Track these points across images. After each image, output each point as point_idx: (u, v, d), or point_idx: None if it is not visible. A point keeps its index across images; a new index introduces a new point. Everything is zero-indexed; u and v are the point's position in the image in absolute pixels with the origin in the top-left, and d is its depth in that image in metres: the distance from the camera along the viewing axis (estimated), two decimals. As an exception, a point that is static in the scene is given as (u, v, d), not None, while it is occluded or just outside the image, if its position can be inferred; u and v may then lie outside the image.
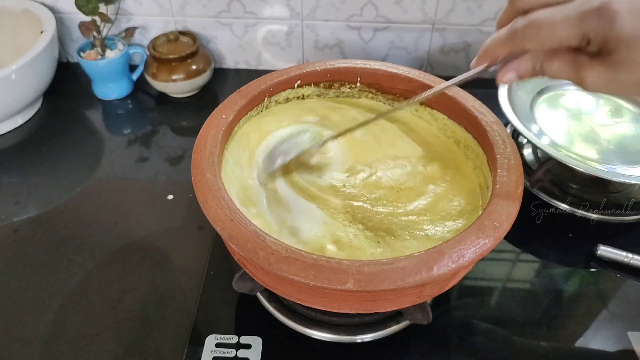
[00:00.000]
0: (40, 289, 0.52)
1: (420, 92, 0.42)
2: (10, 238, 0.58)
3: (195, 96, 0.79)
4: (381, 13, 0.75)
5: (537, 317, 0.50)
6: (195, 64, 0.76)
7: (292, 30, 0.79)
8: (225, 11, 0.77)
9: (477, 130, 0.46)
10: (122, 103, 0.78)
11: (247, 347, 0.47)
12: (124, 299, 0.51)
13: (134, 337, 0.48)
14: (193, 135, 0.44)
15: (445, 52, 0.79)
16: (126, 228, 0.59)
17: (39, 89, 0.72)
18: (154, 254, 0.56)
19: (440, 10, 0.74)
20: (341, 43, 0.80)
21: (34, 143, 0.71)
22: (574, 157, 0.55)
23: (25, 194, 0.63)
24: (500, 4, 0.72)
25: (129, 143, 0.71)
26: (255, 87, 0.49)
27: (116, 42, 0.77)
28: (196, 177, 0.40)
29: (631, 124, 0.62)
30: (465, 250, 0.35)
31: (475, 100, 0.48)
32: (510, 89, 0.62)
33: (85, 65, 0.74)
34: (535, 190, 0.60)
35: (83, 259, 0.55)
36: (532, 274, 0.54)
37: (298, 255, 0.34)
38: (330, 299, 0.38)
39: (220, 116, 0.45)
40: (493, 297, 0.52)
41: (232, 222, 0.36)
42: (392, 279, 0.33)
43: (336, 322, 0.48)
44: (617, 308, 0.51)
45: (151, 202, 0.62)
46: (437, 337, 0.48)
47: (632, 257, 0.53)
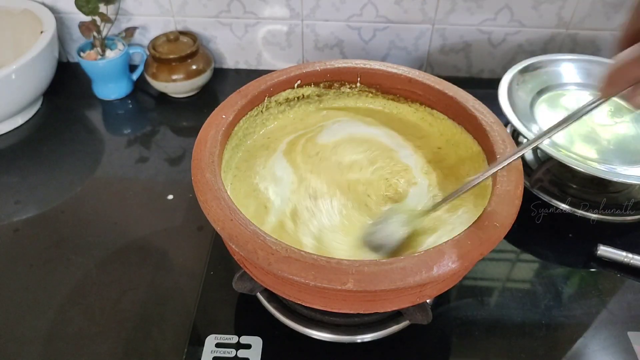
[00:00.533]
0: (40, 288, 0.52)
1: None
2: (10, 238, 0.58)
3: (195, 96, 0.79)
4: (381, 13, 0.75)
5: (537, 317, 0.50)
6: (195, 64, 0.76)
7: (292, 30, 0.79)
8: (225, 11, 0.77)
9: (477, 130, 0.46)
10: (122, 103, 0.78)
11: (247, 347, 0.47)
12: (123, 299, 0.51)
13: (134, 337, 0.48)
14: (193, 135, 0.44)
15: (445, 52, 0.79)
16: (126, 228, 0.59)
17: (39, 89, 0.72)
18: (153, 254, 0.56)
19: (440, 10, 0.74)
20: (341, 43, 0.80)
21: (34, 143, 0.71)
22: (574, 157, 0.55)
23: (25, 194, 0.63)
24: (500, 4, 0.73)
25: (129, 143, 0.71)
26: (255, 87, 0.49)
27: (116, 42, 0.77)
28: (196, 177, 0.40)
29: (631, 124, 0.62)
30: (465, 250, 0.35)
31: (475, 100, 0.48)
32: (510, 89, 0.62)
33: (85, 65, 0.74)
34: (535, 190, 0.60)
35: (83, 259, 0.55)
36: (532, 274, 0.54)
37: (298, 255, 0.34)
38: (330, 299, 0.38)
39: (220, 116, 0.45)
40: (493, 297, 0.52)
41: (232, 222, 0.36)
42: (392, 279, 0.33)
43: (336, 322, 0.48)
44: (617, 308, 0.51)
45: (151, 202, 0.62)
46: (437, 337, 0.48)
47: (632, 257, 0.53)
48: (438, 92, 0.49)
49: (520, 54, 0.78)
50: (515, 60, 0.71)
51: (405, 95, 0.52)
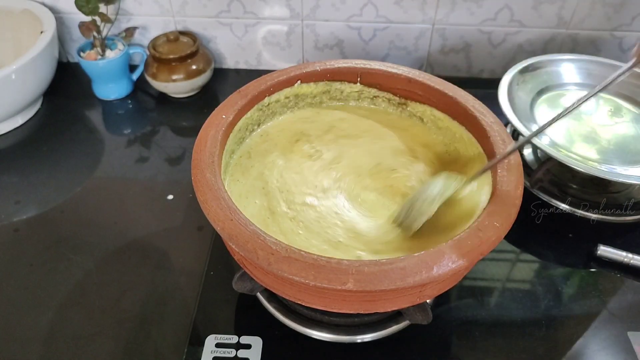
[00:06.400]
0: (40, 288, 0.52)
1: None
2: (10, 238, 0.58)
3: (195, 96, 0.79)
4: (381, 13, 0.75)
5: (537, 317, 0.50)
6: (195, 64, 0.76)
7: (292, 30, 0.79)
8: (225, 11, 0.77)
9: (477, 130, 0.46)
10: (122, 103, 0.78)
11: (247, 347, 0.47)
12: (123, 298, 0.51)
13: (134, 337, 0.48)
14: (193, 135, 0.44)
15: (445, 52, 0.79)
16: (126, 228, 0.59)
17: (39, 89, 0.72)
18: (153, 254, 0.56)
19: (440, 10, 0.74)
20: (341, 43, 0.80)
21: (34, 143, 0.71)
22: (574, 157, 0.55)
23: (25, 194, 0.63)
24: (500, 4, 0.73)
25: (129, 143, 0.71)
26: (255, 87, 0.49)
27: (116, 42, 0.77)
28: (196, 177, 0.40)
29: (631, 124, 0.62)
30: (465, 250, 0.35)
31: (475, 100, 0.48)
32: (510, 89, 0.62)
33: (85, 65, 0.74)
34: (535, 190, 0.60)
35: (82, 259, 0.55)
36: (532, 274, 0.54)
37: (298, 255, 0.34)
38: (330, 299, 0.38)
39: (220, 116, 0.45)
40: (493, 297, 0.52)
41: (232, 222, 0.36)
42: (392, 279, 0.33)
43: (336, 322, 0.48)
44: (617, 308, 0.51)
45: (151, 202, 0.62)
46: (437, 337, 0.48)
47: (632, 257, 0.53)
48: (438, 92, 0.49)
49: (520, 54, 0.78)
50: (515, 60, 0.70)
51: (406, 95, 0.52)
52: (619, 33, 0.75)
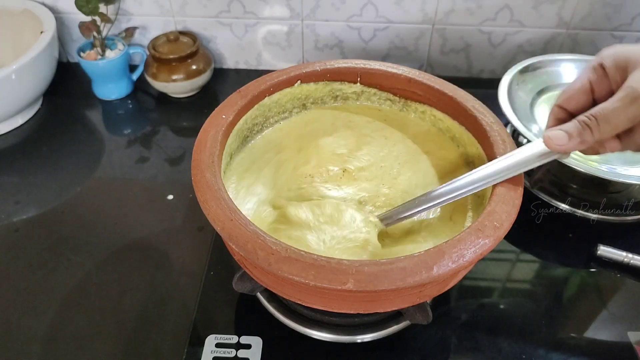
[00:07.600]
0: (40, 288, 0.52)
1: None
2: (10, 238, 0.58)
3: (195, 96, 0.79)
4: (381, 13, 0.75)
5: (537, 317, 0.50)
6: (195, 64, 0.76)
7: (292, 30, 0.79)
8: (225, 11, 0.77)
9: (477, 130, 0.46)
10: (122, 103, 0.78)
11: (247, 347, 0.47)
12: (123, 299, 0.51)
13: (134, 338, 0.48)
14: (193, 136, 0.44)
15: (445, 52, 0.79)
16: (126, 228, 0.58)
17: (39, 89, 0.72)
18: (153, 254, 0.56)
19: (440, 10, 0.74)
20: (341, 43, 0.80)
21: (34, 143, 0.71)
22: (574, 157, 0.55)
23: (25, 194, 0.63)
24: (500, 4, 0.73)
25: (129, 143, 0.71)
26: (255, 87, 0.49)
27: (116, 42, 0.77)
28: (196, 177, 0.40)
29: (631, 124, 0.62)
30: (465, 250, 0.35)
31: (475, 100, 0.48)
32: (510, 89, 0.62)
33: (85, 65, 0.74)
34: (535, 190, 0.60)
35: (82, 259, 0.55)
36: (532, 274, 0.54)
37: (298, 255, 0.34)
38: (330, 299, 0.38)
39: (220, 116, 0.45)
40: (493, 297, 0.52)
41: (232, 222, 0.36)
42: (392, 279, 0.33)
43: (336, 322, 0.48)
44: (617, 308, 0.51)
45: (151, 202, 0.62)
46: (437, 337, 0.48)
47: (632, 257, 0.53)
48: (438, 92, 0.49)
49: (520, 54, 0.78)
50: (515, 61, 0.71)
51: (406, 96, 0.52)
52: (619, 33, 0.75)
